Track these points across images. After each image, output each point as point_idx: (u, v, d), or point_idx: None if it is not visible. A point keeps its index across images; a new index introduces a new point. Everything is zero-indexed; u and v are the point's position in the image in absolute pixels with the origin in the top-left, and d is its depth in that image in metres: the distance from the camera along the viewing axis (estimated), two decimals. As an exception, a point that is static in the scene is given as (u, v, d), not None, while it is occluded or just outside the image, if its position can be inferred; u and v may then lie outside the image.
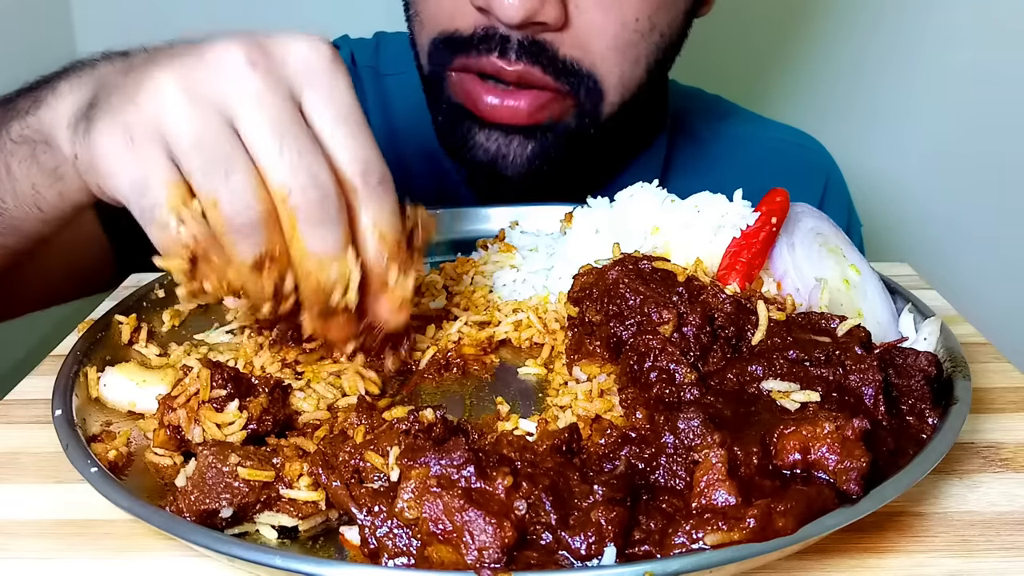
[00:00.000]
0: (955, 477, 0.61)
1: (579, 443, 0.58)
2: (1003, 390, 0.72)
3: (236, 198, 0.58)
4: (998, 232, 1.79)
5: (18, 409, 0.70)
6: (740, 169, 1.11)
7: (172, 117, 0.57)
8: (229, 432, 0.60)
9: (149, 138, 0.58)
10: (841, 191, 1.28)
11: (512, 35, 0.91)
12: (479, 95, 0.95)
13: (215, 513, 0.53)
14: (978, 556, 0.54)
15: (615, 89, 0.97)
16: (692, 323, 0.65)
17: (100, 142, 0.59)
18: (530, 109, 0.95)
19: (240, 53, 0.58)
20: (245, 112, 0.58)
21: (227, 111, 0.58)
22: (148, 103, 0.58)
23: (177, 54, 0.60)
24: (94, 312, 0.81)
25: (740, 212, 0.75)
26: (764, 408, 0.57)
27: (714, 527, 0.48)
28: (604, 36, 0.93)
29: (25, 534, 0.57)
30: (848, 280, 0.73)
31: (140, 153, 0.58)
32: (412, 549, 0.50)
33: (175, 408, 0.61)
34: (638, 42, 0.95)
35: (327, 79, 0.60)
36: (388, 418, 0.60)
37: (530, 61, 0.92)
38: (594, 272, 0.73)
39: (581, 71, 0.94)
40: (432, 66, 0.99)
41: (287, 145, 0.58)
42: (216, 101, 0.58)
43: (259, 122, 0.58)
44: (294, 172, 0.58)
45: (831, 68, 1.72)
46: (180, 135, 0.57)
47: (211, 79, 0.58)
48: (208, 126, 0.57)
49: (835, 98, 1.73)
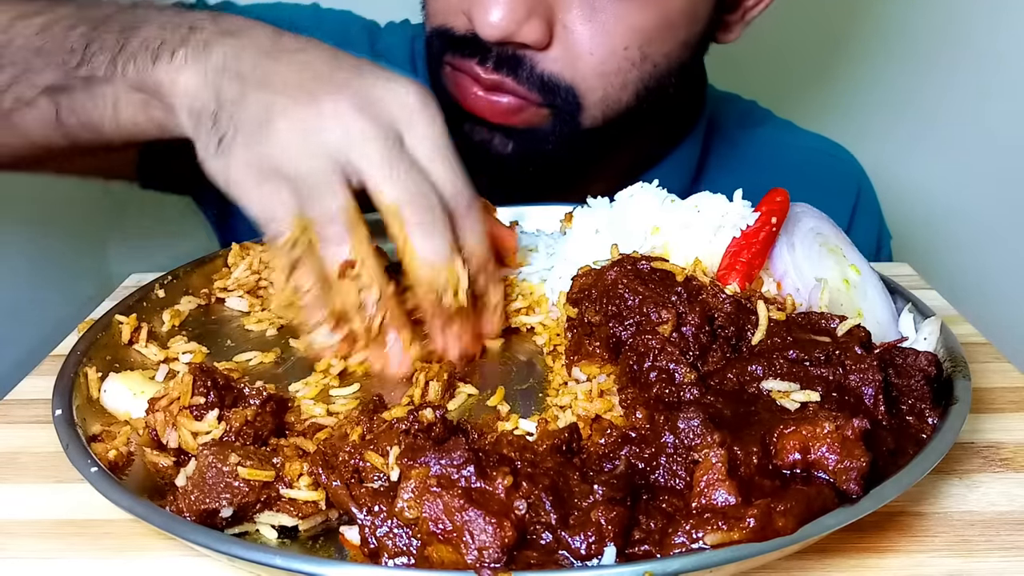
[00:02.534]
0: (955, 477, 0.61)
1: (579, 443, 0.58)
2: (1003, 390, 0.72)
3: (328, 214, 0.68)
4: (998, 232, 1.78)
5: (18, 409, 0.70)
6: (773, 175, 1.11)
7: (294, 162, 0.68)
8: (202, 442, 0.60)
9: (276, 177, 0.68)
10: (872, 203, 1.29)
11: (493, 47, 0.91)
12: (467, 88, 0.96)
13: (215, 513, 0.53)
14: (978, 556, 0.54)
15: (596, 106, 0.96)
16: (691, 323, 0.65)
17: (236, 175, 0.70)
18: (509, 108, 0.95)
19: (350, 104, 0.69)
20: (357, 149, 0.68)
21: (340, 155, 0.68)
22: (275, 149, 0.68)
23: (288, 91, 0.70)
24: (94, 312, 0.81)
25: (740, 212, 0.75)
26: (764, 408, 0.57)
27: (714, 527, 0.48)
28: (591, 59, 0.93)
29: (25, 534, 0.57)
30: (848, 280, 0.73)
31: (268, 188, 0.69)
32: (412, 549, 0.50)
33: (157, 411, 0.61)
34: (628, 70, 0.94)
35: (423, 118, 0.70)
36: (388, 418, 0.60)
37: (505, 73, 0.93)
38: (593, 273, 0.73)
39: (559, 85, 0.94)
40: (431, 56, 1.01)
41: (396, 168, 0.68)
42: (330, 146, 0.68)
43: (369, 154, 0.68)
44: (405, 188, 0.68)
45: (835, 70, 1.72)
46: (299, 179, 0.68)
47: (326, 129, 0.68)
48: (320, 163, 0.68)
49: (835, 98, 1.73)
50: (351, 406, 0.66)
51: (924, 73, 1.70)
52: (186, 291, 0.85)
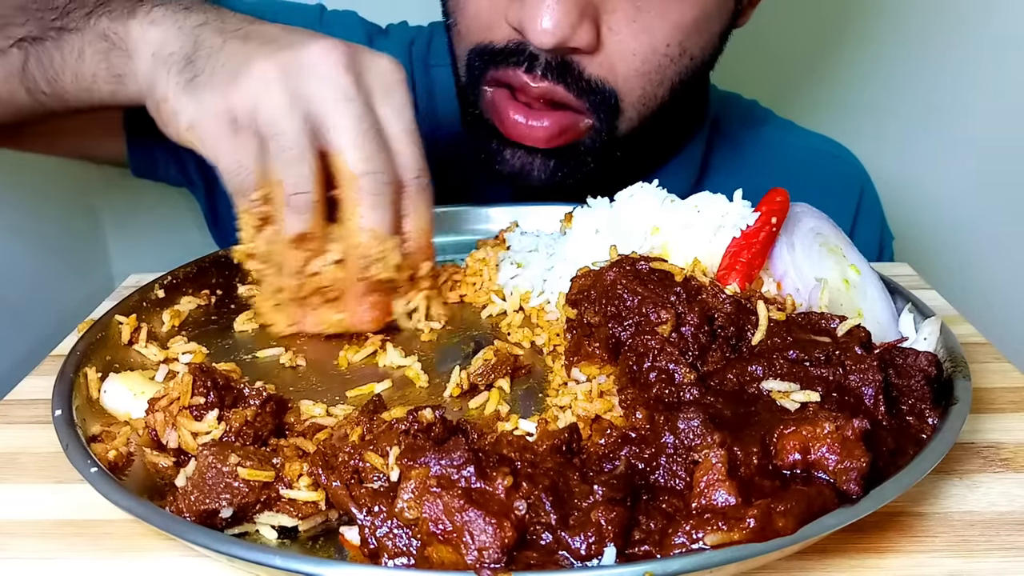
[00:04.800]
0: (955, 477, 0.61)
1: (579, 443, 0.58)
2: (1003, 390, 0.72)
3: (298, 183, 0.71)
4: (998, 232, 1.78)
5: (18, 409, 0.70)
6: (777, 176, 1.11)
7: (269, 112, 0.70)
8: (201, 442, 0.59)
9: (248, 125, 0.70)
10: (874, 203, 1.29)
11: (541, 54, 0.90)
12: (506, 112, 0.95)
13: (215, 513, 0.53)
14: (978, 556, 0.54)
15: (633, 107, 0.96)
16: (690, 323, 0.65)
17: (207, 120, 0.71)
18: (551, 132, 0.94)
19: (337, 58, 0.71)
20: (334, 108, 0.70)
21: (316, 107, 0.70)
22: (250, 93, 0.70)
23: (274, 41, 0.72)
24: (94, 312, 0.81)
25: (740, 212, 0.75)
26: (764, 408, 0.57)
27: (714, 527, 0.48)
28: (633, 60, 0.92)
29: (25, 534, 0.57)
30: (848, 280, 0.73)
31: (241, 140, 0.70)
32: (412, 549, 0.50)
33: (157, 411, 0.61)
34: (667, 66, 0.94)
35: (400, 96, 0.74)
36: (387, 418, 0.60)
37: (555, 79, 0.92)
38: (592, 274, 0.73)
39: (604, 89, 0.93)
40: (469, 77, 0.99)
41: (366, 139, 0.71)
42: (309, 99, 0.70)
43: (345, 116, 0.71)
44: (370, 161, 0.71)
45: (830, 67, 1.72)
46: (272, 128, 0.70)
47: (309, 78, 0.70)
48: (294, 123, 0.70)
49: (836, 96, 1.73)
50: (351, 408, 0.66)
51: (924, 72, 1.69)
52: (186, 291, 0.85)
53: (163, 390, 0.63)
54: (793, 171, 1.22)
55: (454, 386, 0.70)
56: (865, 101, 1.73)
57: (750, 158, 1.24)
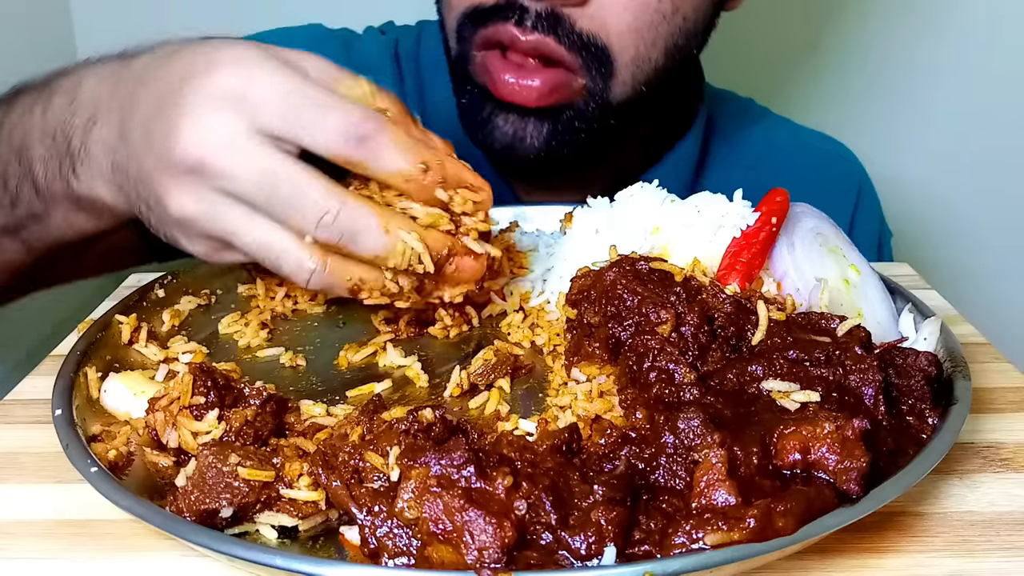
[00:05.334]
0: (955, 477, 0.61)
1: (579, 443, 0.58)
2: (1003, 390, 0.72)
3: (316, 220, 0.66)
4: (998, 232, 1.79)
5: (18, 409, 0.70)
6: (774, 174, 1.11)
7: (237, 179, 0.66)
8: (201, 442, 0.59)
9: (239, 204, 0.67)
10: (873, 201, 1.29)
11: (531, 6, 0.91)
12: (498, 73, 0.95)
13: (215, 513, 0.53)
14: (978, 556, 0.54)
15: (627, 68, 0.96)
16: (690, 323, 0.65)
17: (188, 230, 0.70)
18: (541, 91, 0.94)
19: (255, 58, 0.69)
20: (281, 122, 0.66)
21: (273, 129, 0.66)
22: (199, 164, 0.66)
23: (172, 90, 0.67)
24: (94, 312, 0.81)
25: (740, 212, 0.75)
26: (764, 408, 0.57)
27: (714, 527, 0.48)
28: (624, 14, 0.92)
29: (25, 534, 0.57)
30: (848, 280, 0.73)
31: (255, 226, 0.68)
32: (412, 549, 0.50)
33: (157, 410, 0.61)
34: (659, 23, 0.94)
35: (315, 60, 0.72)
36: (387, 418, 0.60)
37: (545, 31, 0.92)
38: (591, 274, 0.73)
39: (596, 44, 0.93)
40: (459, 45, 1.00)
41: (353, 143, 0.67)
42: (263, 126, 0.66)
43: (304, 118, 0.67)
44: (333, 145, 0.66)
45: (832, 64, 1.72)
46: (259, 198, 0.66)
47: (245, 101, 0.66)
48: (271, 172, 0.65)
49: (837, 96, 1.73)
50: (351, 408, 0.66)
51: (924, 71, 1.70)
52: (186, 291, 0.85)
53: (163, 390, 0.63)
54: (790, 168, 1.22)
55: (454, 386, 0.70)
56: (864, 101, 1.73)
57: (747, 155, 1.24)
